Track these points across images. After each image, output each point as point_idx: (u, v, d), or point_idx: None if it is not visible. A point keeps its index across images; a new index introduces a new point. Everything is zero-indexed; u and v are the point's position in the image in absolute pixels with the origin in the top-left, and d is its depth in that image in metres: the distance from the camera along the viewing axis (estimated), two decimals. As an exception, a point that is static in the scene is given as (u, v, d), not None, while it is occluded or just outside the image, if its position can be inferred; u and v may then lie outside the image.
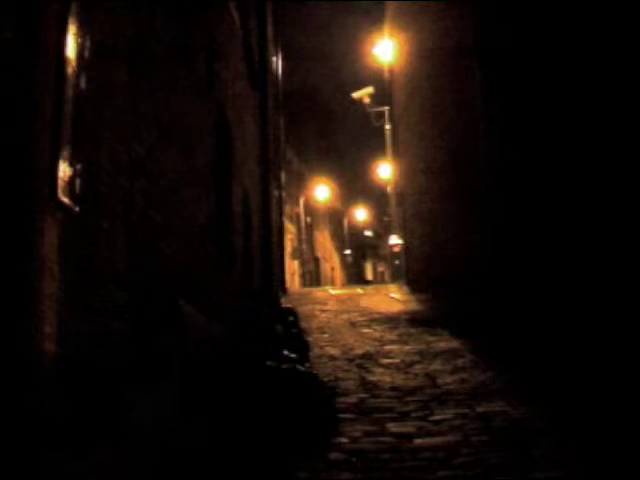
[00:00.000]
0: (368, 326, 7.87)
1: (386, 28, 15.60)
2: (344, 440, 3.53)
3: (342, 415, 3.99)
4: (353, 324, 8.15)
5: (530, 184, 5.42)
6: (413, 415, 3.98)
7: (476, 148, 6.74)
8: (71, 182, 2.45)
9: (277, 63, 14.55)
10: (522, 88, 5.43)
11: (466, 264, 7.27)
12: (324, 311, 9.67)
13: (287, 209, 19.94)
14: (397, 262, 20.42)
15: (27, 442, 2.07)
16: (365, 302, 10.76)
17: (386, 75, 16.49)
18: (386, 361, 5.71)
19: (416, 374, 5.13)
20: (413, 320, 8.05)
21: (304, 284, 25.94)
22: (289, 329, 6.69)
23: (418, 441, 3.48)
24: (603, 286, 4.37)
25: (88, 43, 2.65)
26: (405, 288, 12.49)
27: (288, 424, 3.51)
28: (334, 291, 14.33)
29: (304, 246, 28.89)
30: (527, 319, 5.34)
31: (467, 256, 7.24)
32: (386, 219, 29.55)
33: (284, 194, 15.48)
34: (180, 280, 4.26)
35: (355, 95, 21.39)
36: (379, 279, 37.65)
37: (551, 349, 4.80)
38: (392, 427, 3.74)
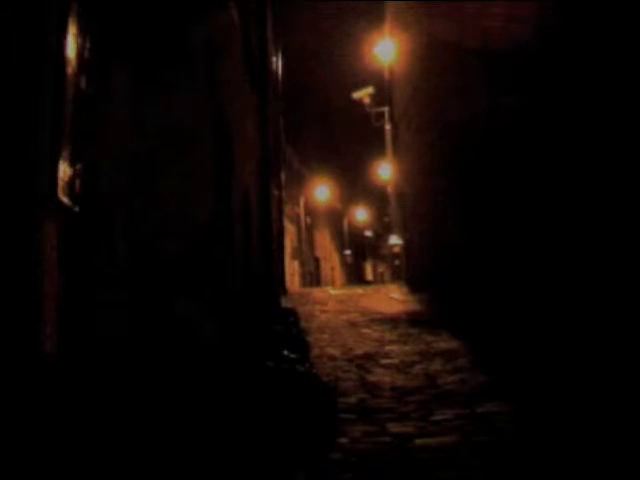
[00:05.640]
0: (368, 326, 7.87)
1: (386, 28, 15.60)
2: (344, 440, 3.53)
3: (342, 415, 3.98)
4: (353, 324, 8.15)
5: (531, 182, 5.42)
6: (413, 415, 3.97)
7: (476, 149, 6.74)
8: (71, 182, 2.45)
9: (277, 63, 14.57)
10: (526, 88, 5.43)
11: (466, 264, 7.27)
12: (324, 311, 9.67)
13: (287, 209, 19.93)
14: (397, 262, 20.40)
15: (27, 442, 2.07)
16: (365, 302, 10.76)
17: (386, 75, 16.50)
18: (386, 361, 5.71)
19: (416, 374, 5.13)
20: (413, 320, 8.05)
21: (304, 284, 25.93)
22: (289, 329, 6.70)
23: (418, 441, 3.47)
24: (606, 288, 4.37)
25: (88, 43, 2.65)
26: (405, 288, 12.48)
27: (288, 424, 3.51)
28: (334, 291, 14.33)
29: (304, 246, 28.90)
30: (528, 318, 5.34)
31: (467, 256, 7.24)
32: (386, 219, 29.51)
33: (284, 194, 15.49)
34: (180, 279, 4.26)
35: (355, 95, 21.38)
36: (379, 279, 37.62)
37: (553, 349, 4.79)
38: (392, 427, 3.74)
